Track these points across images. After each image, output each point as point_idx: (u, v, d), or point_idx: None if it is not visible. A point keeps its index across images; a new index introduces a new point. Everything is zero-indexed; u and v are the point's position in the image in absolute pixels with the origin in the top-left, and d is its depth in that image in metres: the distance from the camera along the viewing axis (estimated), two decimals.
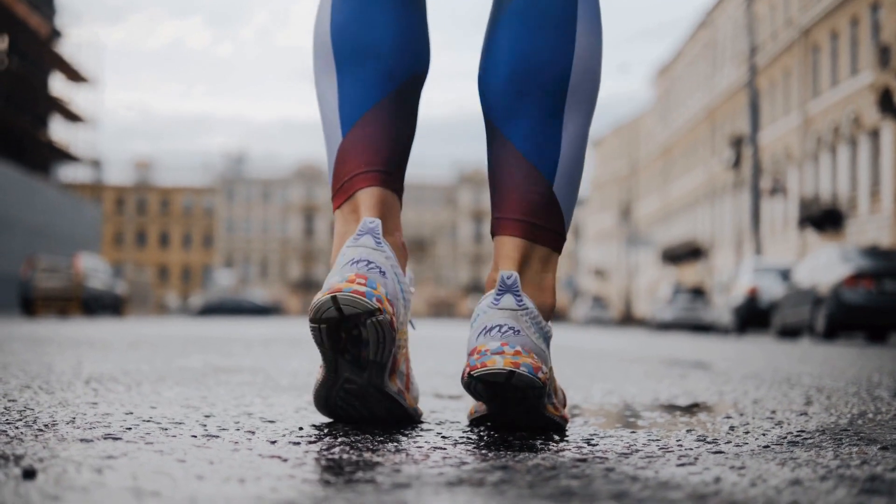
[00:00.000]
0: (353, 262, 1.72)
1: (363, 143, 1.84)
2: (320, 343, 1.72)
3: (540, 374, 1.71)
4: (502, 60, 1.83)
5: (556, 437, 1.75)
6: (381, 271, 1.72)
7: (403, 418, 1.88)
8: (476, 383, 1.72)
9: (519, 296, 1.76)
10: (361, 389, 1.79)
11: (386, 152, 1.85)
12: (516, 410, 1.80)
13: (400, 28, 1.88)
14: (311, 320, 1.69)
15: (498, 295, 1.76)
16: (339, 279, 1.69)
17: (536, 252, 1.83)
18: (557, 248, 1.87)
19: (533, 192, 1.83)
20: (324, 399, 1.83)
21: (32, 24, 40.94)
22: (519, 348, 1.72)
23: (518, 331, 1.73)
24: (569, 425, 1.97)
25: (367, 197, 1.80)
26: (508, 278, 1.76)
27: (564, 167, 1.85)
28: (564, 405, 1.95)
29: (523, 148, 1.83)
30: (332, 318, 1.68)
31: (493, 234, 1.87)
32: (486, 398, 1.76)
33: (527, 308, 1.76)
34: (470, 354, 1.74)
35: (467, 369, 1.73)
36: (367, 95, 1.85)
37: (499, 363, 1.69)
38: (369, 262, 1.72)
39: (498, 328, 1.73)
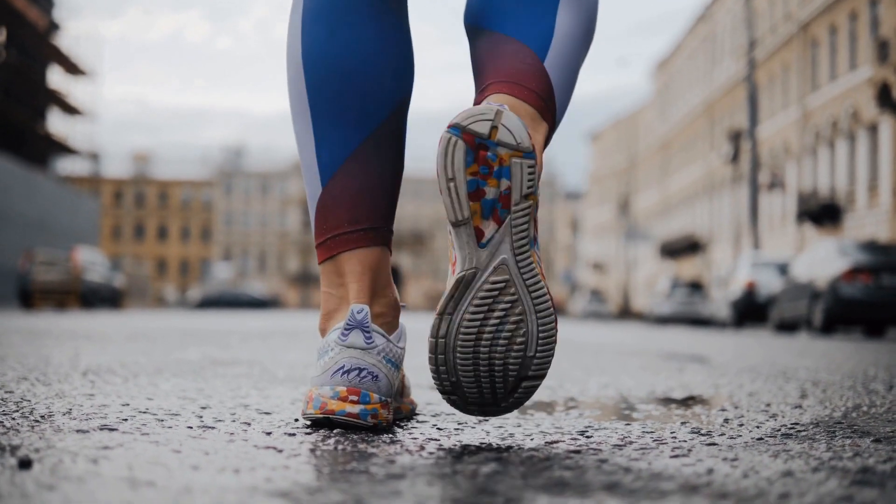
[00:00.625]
0: (343, 372, 1.63)
1: (346, 196, 1.73)
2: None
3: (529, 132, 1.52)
4: None
5: (552, 430, 1.76)
6: (373, 376, 1.64)
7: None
8: (455, 143, 1.49)
9: (506, 108, 1.55)
10: None
11: (371, 204, 1.74)
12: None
13: (380, 50, 1.73)
14: (305, 418, 1.67)
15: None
16: (329, 393, 1.63)
17: (523, 109, 1.63)
18: (546, 117, 1.66)
19: (519, 62, 1.66)
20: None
21: (31, 17, 40.87)
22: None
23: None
24: (565, 417, 1.98)
25: (354, 262, 1.72)
26: (495, 103, 1.56)
27: (557, 51, 1.68)
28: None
29: (510, 30, 1.69)
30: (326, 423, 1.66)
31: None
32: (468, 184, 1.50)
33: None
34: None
35: (446, 128, 1.51)
36: (347, 138, 1.72)
37: (485, 109, 1.50)
38: (360, 371, 1.64)
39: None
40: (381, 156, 1.75)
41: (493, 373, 1.55)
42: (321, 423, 1.66)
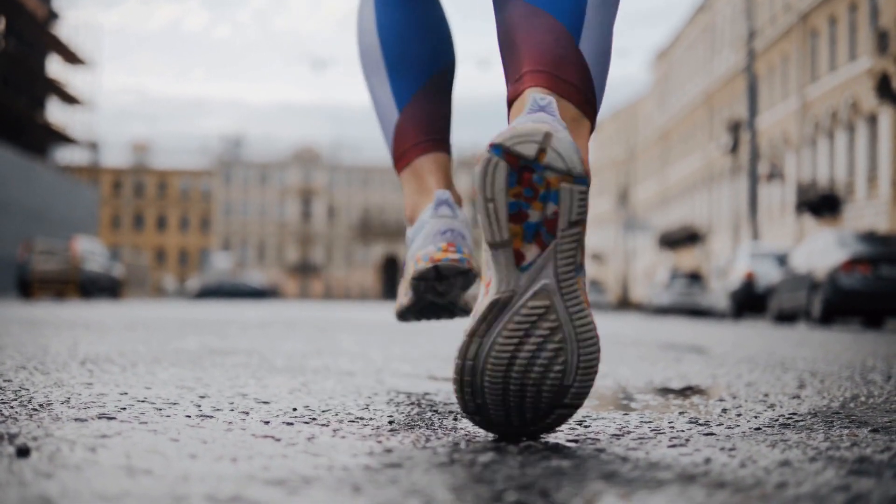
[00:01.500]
0: (441, 233, 2.00)
1: (417, 117, 2.16)
2: (417, 288, 2.03)
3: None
4: None
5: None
6: (462, 235, 2.01)
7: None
8: (496, 163, 1.40)
9: (555, 115, 1.47)
10: (441, 307, 2.15)
11: (436, 123, 2.17)
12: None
13: (433, 37, 2.20)
14: (415, 278, 2.00)
15: (530, 112, 1.48)
16: (434, 248, 1.98)
17: (564, 109, 1.56)
18: (588, 114, 1.60)
19: (554, 44, 1.58)
20: (414, 312, 2.19)
21: (30, 7, 40.79)
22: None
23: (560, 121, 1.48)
24: None
25: (430, 162, 2.14)
26: (542, 100, 1.48)
27: (591, 31, 1.61)
28: None
29: (540, 2, 1.62)
30: (432, 278, 1.99)
31: (509, 103, 1.62)
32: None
33: (567, 129, 1.47)
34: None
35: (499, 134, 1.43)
36: (414, 79, 2.17)
37: (532, 130, 1.41)
38: (453, 231, 2.00)
39: (539, 109, 1.49)
40: (439, 95, 2.20)
41: (524, 399, 1.45)
42: (429, 276, 1.98)
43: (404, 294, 2.18)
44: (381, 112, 2.23)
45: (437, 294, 2.06)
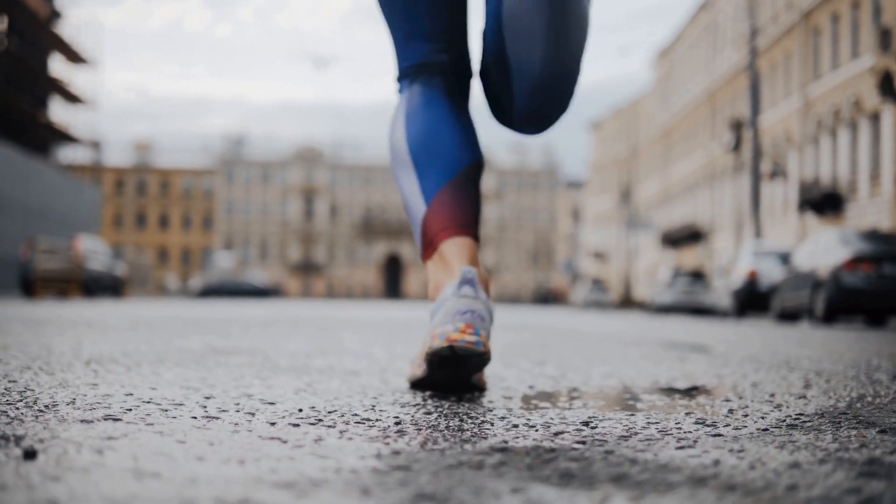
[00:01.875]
0: (460, 313, 2.07)
1: (443, 209, 2.30)
2: (430, 363, 2.11)
3: None
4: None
5: (556, 420, 1.75)
6: (481, 317, 2.09)
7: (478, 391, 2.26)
8: None
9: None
10: (453, 384, 2.19)
11: (462, 213, 2.30)
12: None
13: (458, 135, 2.37)
14: (429, 355, 2.08)
15: None
16: (452, 328, 2.05)
17: None
18: None
19: None
20: (426, 384, 2.23)
21: (32, 5, 40.80)
22: None
23: None
24: (569, 408, 1.97)
25: (454, 246, 2.23)
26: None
27: None
28: None
29: None
30: (448, 356, 2.06)
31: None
32: None
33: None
34: None
35: None
36: (441, 175, 2.34)
37: None
38: (473, 312, 2.08)
39: None
40: (465, 189, 2.33)
41: None
42: (443, 354, 2.03)
43: (418, 366, 2.28)
44: (409, 207, 2.40)
45: (450, 371, 2.14)
